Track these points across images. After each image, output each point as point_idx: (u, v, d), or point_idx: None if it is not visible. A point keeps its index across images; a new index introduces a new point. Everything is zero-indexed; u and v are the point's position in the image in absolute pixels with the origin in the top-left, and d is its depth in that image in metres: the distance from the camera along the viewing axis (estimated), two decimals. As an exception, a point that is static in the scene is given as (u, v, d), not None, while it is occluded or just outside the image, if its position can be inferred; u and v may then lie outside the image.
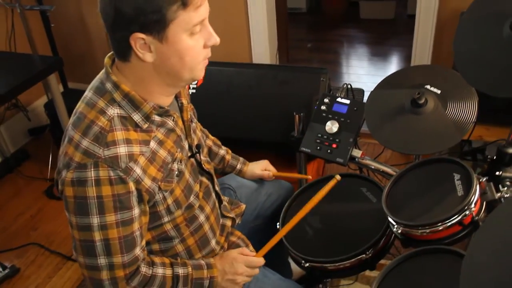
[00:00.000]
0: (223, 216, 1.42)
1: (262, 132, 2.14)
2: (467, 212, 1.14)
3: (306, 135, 1.71)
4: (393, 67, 3.97)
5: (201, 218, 1.28)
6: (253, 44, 2.88)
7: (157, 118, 1.13)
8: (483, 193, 1.21)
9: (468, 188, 1.18)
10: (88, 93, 1.12)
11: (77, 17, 3.22)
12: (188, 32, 1.02)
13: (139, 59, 1.05)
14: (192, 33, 1.03)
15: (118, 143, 1.04)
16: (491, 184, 1.25)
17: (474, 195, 1.15)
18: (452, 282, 0.64)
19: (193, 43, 1.04)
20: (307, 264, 1.39)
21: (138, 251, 1.12)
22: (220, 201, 1.40)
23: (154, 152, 1.10)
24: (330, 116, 1.70)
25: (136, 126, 1.09)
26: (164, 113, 1.14)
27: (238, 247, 1.42)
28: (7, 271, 2.21)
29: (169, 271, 1.20)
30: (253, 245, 1.45)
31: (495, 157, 1.39)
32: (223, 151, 1.64)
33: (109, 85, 1.08)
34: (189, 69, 1.08)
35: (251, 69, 2.20)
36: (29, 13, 2.94)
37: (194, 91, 2.21)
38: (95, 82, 1.14)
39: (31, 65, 2.46)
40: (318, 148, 1.66)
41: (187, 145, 1.25)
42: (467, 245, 1.38)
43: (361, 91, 2.56)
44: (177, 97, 1.26)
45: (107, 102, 1.08)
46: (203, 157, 1.34)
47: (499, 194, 1.24)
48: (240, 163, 1.67)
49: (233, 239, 1.44)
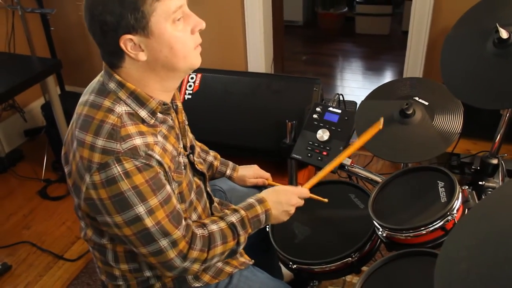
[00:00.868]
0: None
1: (254, 139, 2.19)
2: (450, 217, 1.18)
3: (297, 143, 1.75)
4: (386, 81, 4.03)
5: (194, 217, 1.32)
6: (249, 54, 2.93)
7: (159, 115, 1.17)
8: (465, 201, 1.26)
9: (451, 195, 1.22)
10: (89, 97, 1.14)
11: (77, 21, 3.26)
12: (169, 20, 1.06)
13: (133, 62, 1.09)
14: (173, 21, 1.06)
15: (132, 135, 1.07)
16: (474, 192, 1.29)
17: (456, 201, 1.19)
18: (433, 282, 0.68)
19: (179, 31, 1.08)
20: (295, 265, 1.42)
21: (184, 221, 1.17)
22: (211, 202, 1.44)
23: (163, 144, 1.14)
24: (321, 124, 1.75)
25: (143, 121, 1.12)
26: (166, 110, 1.18)
27: None
28: (-2, 268, 2.23)
29: (222, 223, 1.25)
30: (243, 249, 1.48)
31: (478, 167, 1.44)
32: (211, 157, 1.65)
33: (112, 85, 1.12)
34: (183, 57, 1.11)
35: (246, 77, 2.25)
36: (30, 16, 2.98)
37: (189, 96, 2.25)
38: (94, 85, 1.17)
39: (29, 66, 2.49)
40: (309, 155, 1.71)
41: (182, 145, 1.29)
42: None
43: (354, 103, 2.62)
44: (172, 99, 1.30)
45: (113, 101, 1.11)
46: (196, 158, 1.38)
47: (480, 202, 1.28)
48: (229, 169, 1.67)
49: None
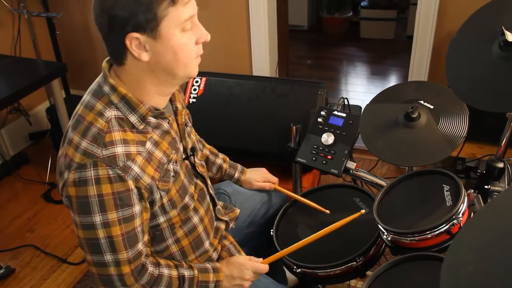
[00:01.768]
0: (217, 219, 1.45)
1: (259, 142, 2.18)
2: (455, 221, 1.17)
3: (302, 146, 1.75)
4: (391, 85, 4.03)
5: (195, 219, 1.32)
6: (254, 58, 2.94)
7: (152, 120, 1.17)
8: (471, 205, 1.25)
9: (456, 198, 1.22)
10: (86, 97, 1.16)
11: (82, 25, 3.28)
12: (179, 28, 1.07)
13: (134, 61, 1.09)
14: (183, 29, 1.08)
15: (115, 143, 1.08)
16: (479, 196, 1.29)
17: (462, 205, 1.18)
18: (438, 286, 0.67)
19: (185, 39, 1.09)
20: (299, 269, 1.42)
21: (140, 246, 1.16)
22: (214, 204, 1.44)
23: (150, 152, 1.14)
24: (326, 128, 1.74)
25: (132, 127, 1.13)
26: (159, 115, 1.18)
27: (229, 251, 1.45)
28: (2, 271, 2.23)
29: (174, 272, 1.23)
30: (246, 252, 1.48)
31: (484, 171, 1.43)
32: (220, 160, 1.67)
33: (106, 88, 1.13)
34: (183, 65, 1.12)
35: (251, 81, 2.25)
36: (36, 20, 3.00)
37: (194, 100, 2.25)
38: (93, 86, 1.18)
39: (35, 69, 2.50)
40: (313, 159, 1.70)
41: (181, 148, 1.29)
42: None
43: (358, 108, 2.62)
44: (172, 101, 1.31)
45: (105, 104, 1.12)
46: (198, 160, 1.38)
47: (486, 206, 1.27)
48: (238, 172, 1.69)
49: (225, 243, 1.47)
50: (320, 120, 1.76)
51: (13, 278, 2.25)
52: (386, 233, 1.27)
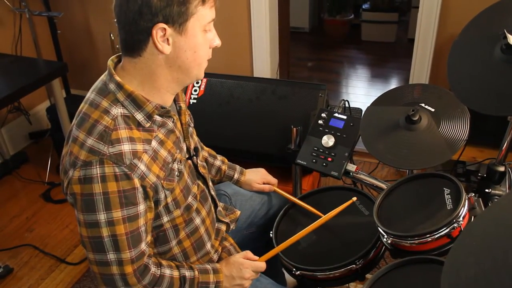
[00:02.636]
0: (218, 220, 1.45)
1: (259, 144, 2.18)
2: (456, 225, 1.17)
3: (302, 148, 1.74)
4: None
5: (197, 221, 1.31)
6: (255, 59, 2.94)
7: (158, 118, 1.17)
8: (471, 208, 1.24)
9: (457, 202, 1.21)
10: (91, 95, 1.16)
11: (83, 25, 3.28)
12: (202, 28, 1.10)
13: (153, 53, 1.09)
14: (205, 30, 1.11)
15: (122, 140, 1.07)
16: (480, 199, 1.28)
17: (462, 208, 1.18)
18: (437, 290, 0.67)
19: (204, 40, 1.13)
20: (298, 272, 1.41)
21: (143, 246, 1.15)
22: (215, 206, 1.43)
23: (155, 151, 1.14)
24: (326, 130, 1.74)
25: (138, 125, 1.12)
26: (165, 113, 1.18)
27: (229, 253, 1.45)
28: (0, 270, 2.22)
29: (176, 273, 1.23)
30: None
31: (485, 175, 1.42)
32: (219, 161, 1.66)
33: (112, 86, 1.12)
34: (198, 65, 1.15)
35: (252, 82, 2.25)
36: (37, 19, 3.00)
37: (195, 101, 2.25)
38: (97, 84, 1.18)
39: (35, 69, 2.50)
40: (313, 161, 1.70)
41: (185, 147, 1.29)
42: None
43: (359, 110, 2.61)
44: (175, 100, 1.31)
45: (111, 102, 1.11)
46: (200, 161, 1.38)
47: (487, 210, 1.27)
48: (237, 173, 1.68)
49: (226, 244, 1.46)
50: (320, 122, 1.76)
51: (11, 277, 2.25)
52: (386, 236, 1.27)
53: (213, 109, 2.23)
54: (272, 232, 1.53)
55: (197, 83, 2.28)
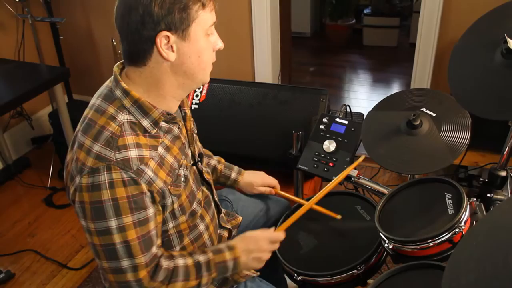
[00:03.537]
0: (221, 226, 1.45)
1: (261, 149, 2.18)
2: (457, 230, 1.16)
3: (304, 153, 1.74)
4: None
5: (201, 227, 1.31)
6: (256, 64, 2.94)
7: (164, 124, 1.17)
8: (473, 213, 1.24)
9: (458, 207, 1.21)
10: (96, 101, 1.15)
11: (86, 30, 3.29)
12: (204, 32, 1.10)
13: (158, 61, 1.09)
14: (207, 34, 1.12)
15: (129, 147, 1.07)
16: (482, 204, 1.28)
17: (464, 213, 1.17)
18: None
19: (207, 44, 1.13)
20: (299, 277, 1.41)
21: (155, 249, 1.15)
22: (219, 212, 1.43)
23: (162, 157, 1.14)
24: (328, 135, 1.74)
25: (145, 131, 1.12)
26: (171, 120, 1.18)
27: None
28: (2, 275, 2.22)
29: (189, 260, 1.22)
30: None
31: (487, 180, 1.42)
32: (214, 161, 1.64)
33: (118, 92, 1.12)
34: (203, 69, 1.15)
35: (253, 88, 2.25)
36: (39, 25, 3.01)
37: (196, 106, 2.25)
38: (103, 90, 1.17)
39: (38, 74, 2.51)
40: (315, 166, 1.70)
41: (190, 153, 1.29)
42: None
43: (361, 115, 2.61)
44: (180, 107, 1.31)
45: (117, 108, 1.11)
46: (204, 167, 1.38)
47: (489, 215, 1.26)
48: (234, 172, 1.65)
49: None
50: (322, 127, 1.76)
51: (13, 282, 2.25)
52: (387, 241, 1.26)
53: (215, 114, 2.23)
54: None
55: (199, 88, 2.28)
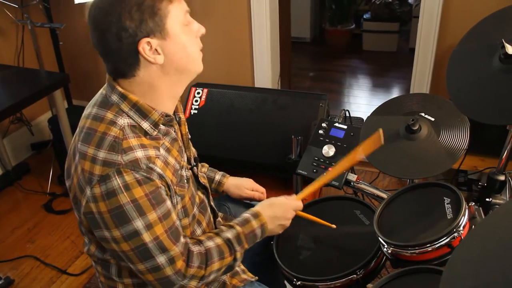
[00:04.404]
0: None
1: (260, 154, 2.18)
2: (456, 234, 1.16)
3: (303, 158, 1.75)
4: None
5: (198, 232, 1.31)
6: (256, 70, 2.94)
7: (162, 127, 1.17)
8: (472, 218, 1.24)
9: (457, 211, 1.21)
10: (92, 110, 1.14)
11: (85, 36, 3.28)
12: (181, 24, 1.09)
13: (147, 68, 1.09)
14: (184, 24, 1.10)
15: (134, 148, 1.07)
16: (480, 209, 1.28)
17: (462, 218, 1.18)
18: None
19: (189, 34, 1.12)
20: (299, 282, 1.40)
21: (183, 238, 1.15)
22: (215, 216, 1.43)
23: (165, 157, 1.14)
24: (327, 140, 1.74)
25: (145, 134, 1.12)
26: (168, 122, 1.18)
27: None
28: (1, 282, 2.22)
29: (219, 240, 1.22)
30: (245, 266, 1.47)
31: (485, 184, 1.42)
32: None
33: (115, 97, 1.12)
34: (193, 60, 1.14)
35: (253, 93, 2.26)
36: (39, 30, 3.02)
37: (196, 111, 2.26)
38: (97, 98, 1.17)
39: (37, 80, 2.51)
40: (314, 171, 1.70)
41: (186, 157, 1.29)
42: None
43: (360, 120, 2.62)
44: (174, 112, 1.30)
45: (115, 113, 1.10)
46: (200, 171, 1.38)
47: (488, 219, 1.26)
48: (218, 175, 1.62)
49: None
50: (321, 132, 1.76)
51: (12, 289, 2.25)
52: (386, 246, 1.26)
53: (214, 120, 2.24)
54: (273, 242, 1.53)
55: (198, 93, 2.29)
